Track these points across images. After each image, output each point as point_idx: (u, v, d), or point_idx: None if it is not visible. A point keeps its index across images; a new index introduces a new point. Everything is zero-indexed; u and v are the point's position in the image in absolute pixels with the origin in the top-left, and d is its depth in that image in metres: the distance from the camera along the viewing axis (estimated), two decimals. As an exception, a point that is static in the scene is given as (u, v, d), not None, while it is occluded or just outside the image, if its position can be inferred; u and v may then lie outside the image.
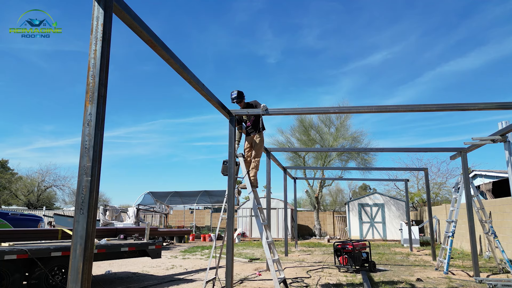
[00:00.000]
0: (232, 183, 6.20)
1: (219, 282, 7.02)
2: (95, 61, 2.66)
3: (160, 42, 3.78)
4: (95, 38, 2.70)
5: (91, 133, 2.56)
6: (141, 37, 3.60)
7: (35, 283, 5.75)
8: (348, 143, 21.85)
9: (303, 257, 11.93)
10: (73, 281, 2.39)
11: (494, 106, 5.47)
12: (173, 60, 4.06)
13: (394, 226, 20.11)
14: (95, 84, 2.63)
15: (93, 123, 2.58)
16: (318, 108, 6.43)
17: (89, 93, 2.63)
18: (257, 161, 7.04)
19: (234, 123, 6.33)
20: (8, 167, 44.80)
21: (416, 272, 8.79)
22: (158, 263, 10.21)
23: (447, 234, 9.06)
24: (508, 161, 7.35)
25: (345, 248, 8.88)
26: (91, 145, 2.54)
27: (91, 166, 2.52)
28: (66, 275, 6.12)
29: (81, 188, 2.50)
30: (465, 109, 5.50)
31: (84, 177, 2.51)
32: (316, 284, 7.21)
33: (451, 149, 9.33)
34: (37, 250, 5.72)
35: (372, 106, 5.86)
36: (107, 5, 2.77)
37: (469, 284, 7.17)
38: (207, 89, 5.13)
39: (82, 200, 2.48)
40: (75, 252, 2.43)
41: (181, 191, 26.94)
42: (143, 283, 7.26)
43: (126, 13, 3.15)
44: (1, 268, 5.37)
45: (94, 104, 2.60)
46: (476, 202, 9.15)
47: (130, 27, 3.40)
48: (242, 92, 6.88)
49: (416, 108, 5.76)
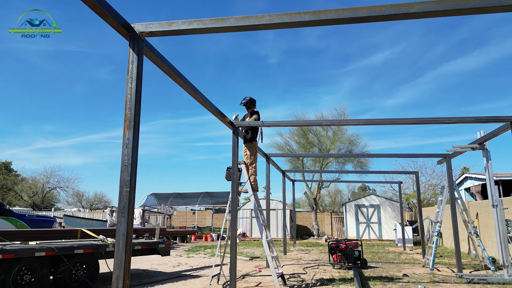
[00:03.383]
0: (235, 188, 6.92)
1: (223, 278, 7.73)
2: (131, 97, 3.38)
3: (176, 72, 4.50)
4: (130, 78, 3.42)
5: (129, 153, 3.27)
6: (161, 68, 4.32)
7: (60, 277, 6.46)
8: (345, 146, 22.59)
9: (300, 256, 12.66)
10: (118, 268, 3.10)
11: (470, 120, 6.19)
12: (186, 86, 4.79)
13: (389, 226, 20.83)
14: (131, 115, 3.35)
15: (130, 146, 3.29)
16: (311, 121, 7.18)
17: (126, 122, 3.34)
18: (254, 167, 7.77)
19: (237, 135, 7.06)
20: (12, 168, 45.53)
21: (404, 269, 9.51)
22: (165, 261, 10.93)
23: (433, 234, 9.78)
24: (486, 167, 8.08)
25: (339, 247, 9.61)
26: (129, 163, 3.26)
27: (129, 179, 3.24)
28: (87, 270, 6.83)
29: (122, 196, 3.22)
30: (441, 122, 6.23)
31: (124, 188, 3.22)
32: (311, 279, 7.93)
33: (437, 155, 10.08)
34: (63, 248, 6.43)
35: (360, 120, 6.60)
36: (140, 51, 3.49)
37: (449, 279, 7.90)
38: (216, 108, 5.88)
39: (123, 206, 3.19)
40: (118, 246, 3.15)
41: (183, 192, 27.70)
42: (154, 278, 7.98)
43: (152, 53, 3.88)
44: (32, 264, 6.08)
45: (131, 131, 3.32)
46: (460, 204, 9.88)
47: (152, 62, 4.12)
48: (255, 100, 7.67)
49: (399, 121, 6.50)
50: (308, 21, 3.21)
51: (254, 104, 7.70)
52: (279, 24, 3.28)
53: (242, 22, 3.33)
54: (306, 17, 3.20)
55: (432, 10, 2.95)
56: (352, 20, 3.19)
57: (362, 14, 3.12)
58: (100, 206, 45.21)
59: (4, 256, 5.64)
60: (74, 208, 42.62)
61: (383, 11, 3.07)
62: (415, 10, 2.99)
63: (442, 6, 2.94)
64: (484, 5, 2.86)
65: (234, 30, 3.42)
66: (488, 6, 2.81)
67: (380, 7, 3.08)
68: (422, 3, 2.96)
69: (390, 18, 3.10)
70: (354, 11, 3.13)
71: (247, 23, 3.32)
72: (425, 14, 3.00)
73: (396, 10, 3.02)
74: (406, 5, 3.01)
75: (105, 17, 3.18)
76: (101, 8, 3.04)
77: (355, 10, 3.13)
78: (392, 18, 3.10)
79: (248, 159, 7.70)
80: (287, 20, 3.23)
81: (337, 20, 3.18)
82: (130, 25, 3.49)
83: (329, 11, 3.17)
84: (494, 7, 2.86)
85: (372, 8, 3.09)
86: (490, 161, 7.99)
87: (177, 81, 4.60)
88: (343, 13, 3.14)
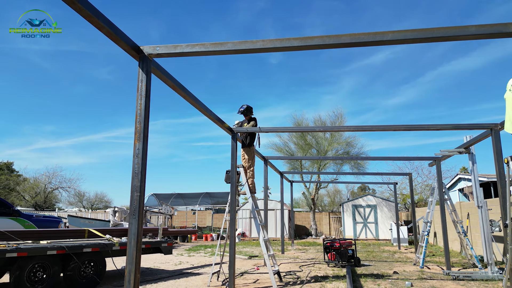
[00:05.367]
0: (234, 190, 7.36)
1: (223, 275, 8.17)
2: (140, 112, 3.81)
3: (180, 85, 4.94)
4: (140, 95, 3.85)
5: (139, 162, 3.71)
6: (166, 83, 4.76)
7: (70, 274, 6.90)
8: (342, 147, 23.05)
9: (297, 255, 13.10)
10: (130, 263, 3.54)
11: (450, 127, 6.63)
12: (189, 97, 5.22)
13: (386, 226, 21.28)
14: (141, 128, 3.78)
15: (140, 155, 3.73)
16: (305, 128, 7.64)
17: (137, 134, 3.78)
18: (252, 170, 8.21)
19: (236, 140, 7.50)
20: (13, 169, 45.97)
21: (395, 267, 9.95)
22: (167, 260, 11.37)
23: (423, 233, 10.22)
24: (472, 170, 8.52)
25: (333, 246, 10.05)
26: (139, 171, 3.69)
27: (139, 185, 3.67)
28: (94, 267, 7.27)
29: (133, 200, 3.65)
30: (426, 129, 6.66)
31: (135, 193, 3.66)
32: (306, 276, 8.37)
33: (428, 158, 10.53)
34: (72, 246, 6.87)
35: (351, 126, 7.07)
36: (148, 70, 3.92)
37: (436, 276, 8.35)
38: (216, 115, 6.32)
39: (134, 209, 3.63)
40: (130, 244, 3.59)
41: (184, 192, 28.15)
42: (157, 276, 8.42)
43: (158, 71, 4.32)
44: (44, 262, 6.52)
45: (140, 142, 3.75)
46: (450, 205, 10.32)
47: (159, 78, 4.56)
48: (252, 108, 8.14)
49: (388, 128, 6.94)
50: (297, 46, 3.65)
51: (251, 111, 8.15)
52: (271, 49, 3.72)
53: (239, 46, 3.77)
54: (295, 42, 3.64)
55: (402, 38, 3.40)
56: (336, 45, 3.63)
57: (345, 40, 3.56)
58: (101, 206, 45.66)
59: (19, 254, 6.08)
60: (75, 208, 43.08)
61: (362, 38, 3.50)
62: (389, 38, 3.43)
63: (411, 35, 3.39)
64: (448, 34, 3.31)
65: (232, 53, 3.87)
66: (444, 36, 3.27)
67: (360, 34, 3.52)
68: (394, 32, 3.41)
69: (368, 44, 3.54)
70: (337, 37, 3.57)
71: (243, 47, 3.76)
72: (397, 41, 3.45)
73: (372, 37, 3.46)
74: (381, 34, 3.45)
75: (118, 42, 3.61)
76: (116, 35, 3.48)
77: (339, 37, 3.56)
78: (370, 44, 3.54)
79: (246, 162, 8.13)
80: (278, 45, 3.66)
81: (323, 45, 3.62)
82: (139, 48, 3.92)
83: (315, 37, 3.61)
84: (456, 36, 3.30)
85: (353, 36, 3.53)
86: (476, 164, 8.43)
87: (180, 93, 5.04)
88: (327, 39, 3.58)
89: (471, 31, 3.26)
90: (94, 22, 3.15)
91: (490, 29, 3.23)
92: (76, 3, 2.86)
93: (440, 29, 3.32)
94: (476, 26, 3.26)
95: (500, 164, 6.30)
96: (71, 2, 2.86)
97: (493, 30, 3.24)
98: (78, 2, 2.88)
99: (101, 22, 3.18)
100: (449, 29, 3.32)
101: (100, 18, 3.17)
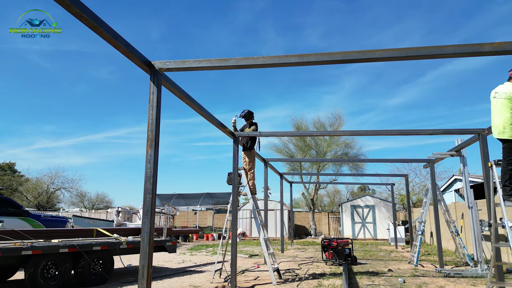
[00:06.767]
0: (235, 191, 7.75)
1: (225, 272, 8.55)
2: (152, 121, 4.19)
3: (186, 95, 5.32)
4: (151, 106, 4.23)
5: (151, 167, 4.09)
6: (174, 94, 5.14)
7: (80, 271, 7.28)
8: (341, 148, 23.45)
9: (297, 254, 13.49)
10: (143, 258, 3.92)
11: (440, 132, 7.02)
12: (194, 106, 5.61)
13: (384, 226, 21.67)
14: (153, 136, 4.16)
15: (152, 161, 4.11)
16: (304, 132, 8.07)
17: (149, 142, 4.16)
18: (252, 173, 8.59)
19: (237, 143, 7.88)
20: (16, 169, 46.38)
21: (391, 265, 10.34)
22: (170, 258, 11.76)
23: (418, 233, 10.61)
24: (463, 172, 8.91)
25: (331, 245, 10.44)
26: (151, 175, 4.07)
27: (152, 188, 4.06)
28: (103, 265, 7.65)
29: (146, 202, 4.03)
30: (418, 134, 7.05)
31: (147, 195, 4.04)
32: (304, 273, 8.76)
33: (422, 160, 10.91)
34: (83, 245, 7.25)
35: (347, 131, 7.46)
36: (159, 84, 4.31)
37: (429, 274, 8.73)
38: (218, 121, 6.70)
39: (147, 209, 4.01)
40: (143, 241, 3.97)
41: (185, 193, 28.55)
42: (162, 273, 8.81)
43: (167, 83, 4.71)
44: (56, 259, 6.90)
45: (152, 149, 4.14)
46: (443, 205, 10.70)
47: (168, 89, 4.94)
48: (253, 112, 8.52)
49: (381, 133, 7.33)
50: (294, 62, 4.04)
51: (252, 116, 8.54)
52: (271, 64, 4.11)
53: (242, 62, 4.15)
54: (293, 59, 4.03)
55: (389, 56, 3.79)
56: (329, 62, 4.01)
57: (337, 58, 3.94)
58: (102, 206, 46.03)
59: (34, 252, 6.47)
60: (76, 208, 43.47)
61: (352, 55, 3.89)
62: (378, 56, 3.82)
63: (397, 53, 3.79)
64: (429, 53, 3.70)
65: (235, 68, 4.25)
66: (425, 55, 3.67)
67: (350, 52, 3.90)
68: (382, 51, 3.80)
69: (358, 61, 3.93)
70: (330, 55, 3.95)
71: (245, 63, 4.14)
72: (385, 58, 3.84)
73: (362, 55, 3.84)
74: (370, 52, 3.83)
75: (133, 59, 4.00)
76: (130, 53, 3.86)
77: (331, 55, 3.95)
78: (360, 61, 3.93)
79: (247, 165, 8.52)
80: (277, 62, 4.05)
81: (317, 62, 4.00)
82: (150, 63, 4.31)
83: (310, 55, 3.99)
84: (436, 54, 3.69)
85: (344, 53, 3.92)
86: (467, 166, 8.82)
87: (186, 102, 5.42)
88: (321, 56, 3.97)
89: (449, 50, 3.65)
90: (113, 43, 3.54)
91: (465, 48, 3.61)
92: (101, 31, 3.25)
93: (421, 48, 3.71)
94: (454, 46, 3.64)
95: (487, 167, 6.68)
96: (93, 27, 3.25)
97: (468, 50, 3.61)
98: (100, 27, 3.26)
99: (119, 43, 3.57)
100: (430, 48, 3.71)
101: (119, 39, 3.56)
